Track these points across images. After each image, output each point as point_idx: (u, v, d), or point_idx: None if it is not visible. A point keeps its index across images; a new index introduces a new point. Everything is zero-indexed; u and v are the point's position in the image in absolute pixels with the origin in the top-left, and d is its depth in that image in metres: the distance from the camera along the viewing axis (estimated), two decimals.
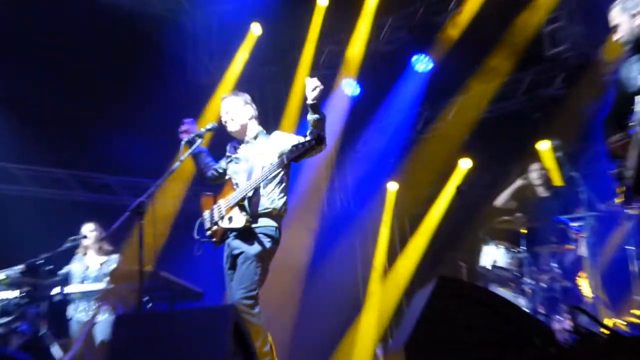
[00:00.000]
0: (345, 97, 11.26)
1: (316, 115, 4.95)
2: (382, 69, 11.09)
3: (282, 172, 5.22)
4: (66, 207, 10.20)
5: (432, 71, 10.75)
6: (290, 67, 11.11)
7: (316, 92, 4.95)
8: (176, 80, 10.80)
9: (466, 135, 10.67)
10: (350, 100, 11.32)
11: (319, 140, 4.70)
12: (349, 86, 11.24)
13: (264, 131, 5.50)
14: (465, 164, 10.75)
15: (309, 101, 4.98)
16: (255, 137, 5.43)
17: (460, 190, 10.10)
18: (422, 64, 10.74)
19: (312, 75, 11.66)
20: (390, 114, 11.34)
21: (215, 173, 5.64)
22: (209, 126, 5.40)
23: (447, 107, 11.12)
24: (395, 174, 11.61)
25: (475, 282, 7.77)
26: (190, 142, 5.43)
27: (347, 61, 10.96)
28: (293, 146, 4.79)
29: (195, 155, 5.55)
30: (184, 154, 5.29)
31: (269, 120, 11.61)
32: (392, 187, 11.69)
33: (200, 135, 5.45)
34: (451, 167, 10.84)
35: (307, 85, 4.99)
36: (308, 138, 4.77)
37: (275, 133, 5.42)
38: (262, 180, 5.01)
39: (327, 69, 11.19)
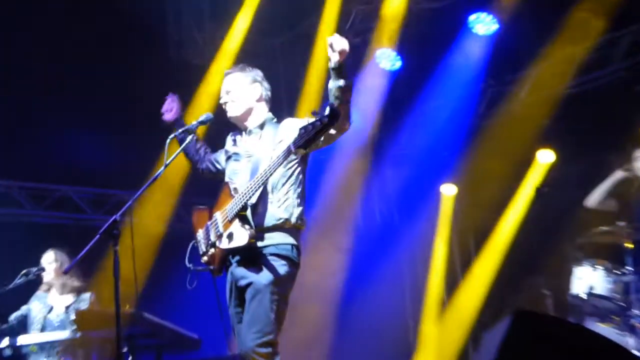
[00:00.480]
0: (381, 73, 11.26)
1: (340, 81, 4.92)
2: (430, 34, 11.06)
3: (297, 170, 5.19)
4: (16, 230, 10.29)
5: (498, 34, 10.71)
6: (306, 36, 11.12)
7: (341, 54, 4.95)
8: (155, 59, 10.84)
9: (546, 118, 10.61)
10: (388, 77, 11.31)
11: (333, 114, 4.58)
12: (385, 58, 11.23)
13: (274, 119, 5.49)
14: (545, 157, 10.72)
15: (332, 64, 4.96)
16: (262, 126, 5.41)
17: (540, 192, 10.02)
18: (484, 25, 10.70)
19: None
20: (443, 94, 11.32)
21: (211, 167, 5.66)
22: (202, 118, 5.40)
23: (519, 81, 11.08)
24: (452, 174, 11.61)
25: (566, 316, 7.71)
26: (181, 140, 5.44)
27: (382, 25, 10.95)
28: (301, 129, 4.72)
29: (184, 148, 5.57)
30: (171, 156, 5.27)
31: (282, 105, 11.65)
32: (449, 191, 11.70)
33: (190, 130, 5.45)
34: (527, 162, 10.82)
35: (330, 45, 4.98)
36: (322, 114, 4.66)
37: (286, 121, 5.40)
38: (265, 179, 4.95)
39: (355, 36, 11.20)
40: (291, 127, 5.23)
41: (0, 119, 9.76)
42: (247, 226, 4.99)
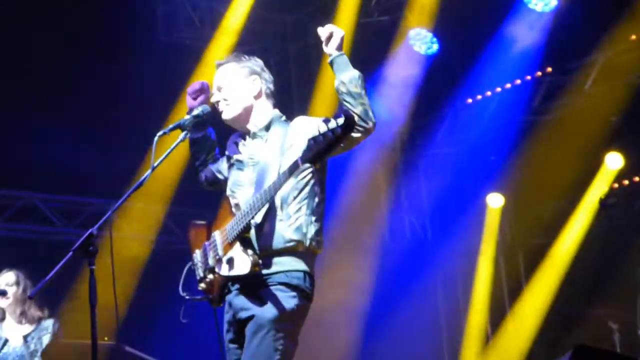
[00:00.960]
0: (415, 58, 11.28)
1: (341, 77, 4.97)
2: (474, 12, 11.05)
3: (312, 181, 5.16)
4: None
5: (556, 11, 10.69)
6: (322, 14, 11.13)
7: (335, 41, 4.98)
8: (141, 41, 10.86)
9: (614, 114, 10.62)
10: (422, 62, 11.33)
11: (348, 125, 4.58)
12: (420, 40, 11.24)
13: (282, 117, 5.47)
14: (614, 162, 10.73)
15: (329, 59, 5.00)
16: (268, 127, 5.40)
17: (606, 204, 10.02)
18: (541, 0, 10.70)
19: (362, 26, 11.90)
20: (489, 84, 11.34)
21: (210, 177, 5.63)
22: (197, 111, 5.39)
23: (583, 69, 11.07)
24: (499, 182, 11.62)
25: (636, 354, 7.70)
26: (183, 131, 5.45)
27: (415, 1, 10.96)
28: (310, 140, 4.72)
29: (196, 141, 5.55)
30: (159, 157, 5.27)
31: (292, 100, 11.65)
32: (495, 202, 11.71)
33: (182, 127, 5.45)
34: (591, 168, 10.83)
35: (321, 36, 5.03)
36: (334, 123, 4.67)
37: (298, 120, 5.39)
38: (270, 197, 4.96)
39: (383, 13, 11.22)
40: (304, 129, 5.22)
41: None
42: (249, 251, 4.96)
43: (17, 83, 10.20)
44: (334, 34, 5.00)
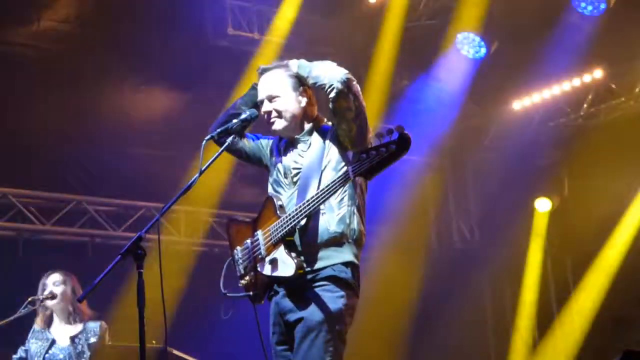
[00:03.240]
0: (463, 61, 11.24)
1: (311, 75, 5.09)
2: (523, 14, 10.99)
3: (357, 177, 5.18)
4: (11, 247, 10.41)
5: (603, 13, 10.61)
6: (369, 18, 11.16)
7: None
8: (188, 44, 10.89)
9: None
10: (470, 66, 11.28)
11: (403, 142, 4.55)
12: (468, 44, 11.19)
13: (323, 120, 5.47)
14: None
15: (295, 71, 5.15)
16: (311, 132, 5.38)
17: None
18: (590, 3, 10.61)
19: (409, 30, 11.91)
20: (538, 87, 11.26)
21: (233, 147, 5.58)
22: (244, 115, 5.38)
23: (632, 72, 10.96)
24: (547, 186, 11.60)
25: None
26: (219, 141, 5.42)
27: (463, 3, 10.92)
28: (362, 153, 4.71)
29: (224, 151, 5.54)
30: (207, 161, 5.27)
31: None
32: (543, 206, 11.65)
33: (230, 131, 5.44)
34: None
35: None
36: (387, 139, 4.64)
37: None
38: (317, 205, 4.95)
39: (431, 17, 11.17)
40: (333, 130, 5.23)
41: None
42: (293, 254, 4.98)
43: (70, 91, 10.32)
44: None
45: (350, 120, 5.00)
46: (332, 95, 4.93)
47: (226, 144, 5.31)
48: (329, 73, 5.02)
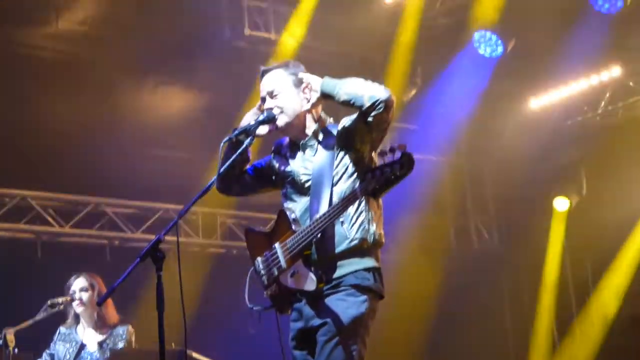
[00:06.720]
0: (479, 60, 11.20)
1: (338, 94, 5.02)
2: (540, 12, 10.96)
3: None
4: (31, 249, 10.43)
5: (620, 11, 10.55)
6: (385, 17, 11.13)
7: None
8: (206, 45, 10.90)
9: None
10: (487, 65, 11.26)
11: (406, 162, 4.55)
12: (484, 42, 11.16)
13: (329, 120, 5.43)
14: None
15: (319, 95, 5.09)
16: (317, 135, 5.34)
17: None
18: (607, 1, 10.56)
19: (425, 29, 11.95)
20: (557, 85, 11.24)
21: (240, 188, 5.56)
22: (262, 116, 5.34)
23: None
24: (565, 185, 11.56)
25: None
26: (235, 143, 5.39)
27: (480, 1, 10.90)
28: (369, 173, 4.70)
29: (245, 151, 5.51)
30: (226, 161, 5.26)
31: None
32: (562, 205, 11.60)
33: (248, 132, 5.41)
34: None
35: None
36: (390, 158, 4.65)
37: (345, 121, 5.36)
38: (329, 222, 4.95)
39: (447, 15, 11.17)
40: (345, 134, 5.19)
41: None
42: (313, 268, 4.98)
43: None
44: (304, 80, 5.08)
45: (383, 130, 5.00)
46: (379, 109, 4.85)
47: (245, 144, 5.27)
48: (367, 89, 4.94)
